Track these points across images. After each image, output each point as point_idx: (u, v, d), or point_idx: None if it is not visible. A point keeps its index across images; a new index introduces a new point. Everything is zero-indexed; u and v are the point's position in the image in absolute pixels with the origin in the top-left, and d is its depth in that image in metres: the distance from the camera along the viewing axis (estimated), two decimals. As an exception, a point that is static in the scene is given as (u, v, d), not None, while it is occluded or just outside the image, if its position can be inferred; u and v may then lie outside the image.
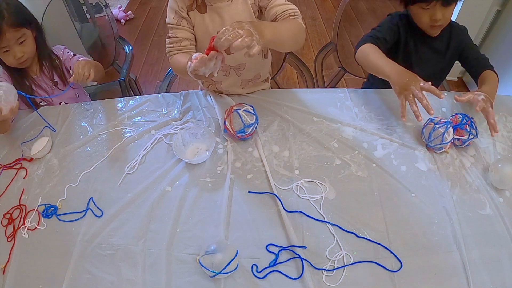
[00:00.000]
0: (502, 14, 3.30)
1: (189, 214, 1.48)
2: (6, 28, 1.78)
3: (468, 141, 1.62)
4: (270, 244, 1.37)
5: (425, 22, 1.83)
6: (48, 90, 2.11)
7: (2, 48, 1.85)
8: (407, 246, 1.36)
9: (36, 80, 2.07)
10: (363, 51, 1.82)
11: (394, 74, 1.63)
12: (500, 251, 1.35)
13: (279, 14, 1.65)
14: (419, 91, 1.51)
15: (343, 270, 1.30)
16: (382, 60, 1.72)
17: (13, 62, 1.92)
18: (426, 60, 1.99)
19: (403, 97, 1.57)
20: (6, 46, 1.84)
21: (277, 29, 1.55)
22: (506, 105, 1.88)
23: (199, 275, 1.31)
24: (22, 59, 1.92)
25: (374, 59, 1.75)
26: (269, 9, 1.69)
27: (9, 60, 1.91)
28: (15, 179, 1.68)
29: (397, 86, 1.60)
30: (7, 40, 1.81)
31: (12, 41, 1.84)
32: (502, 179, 1.51)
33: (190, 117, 1.85)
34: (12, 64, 1.94)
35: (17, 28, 1.83)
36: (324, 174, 1.58)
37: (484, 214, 1.45)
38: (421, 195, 1.50)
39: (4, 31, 1.78)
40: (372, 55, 1.77)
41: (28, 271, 1.38)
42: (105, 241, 1.42)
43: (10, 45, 1.85)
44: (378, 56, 1.76)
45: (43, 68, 2.08)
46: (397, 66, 1.66)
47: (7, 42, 1.82)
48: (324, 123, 1.78)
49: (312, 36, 4.68)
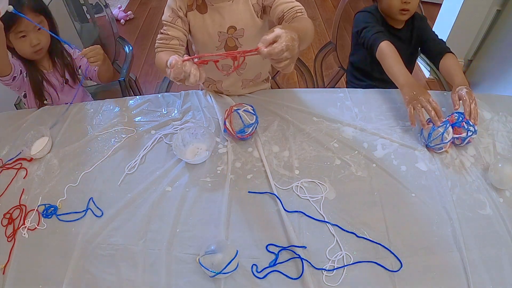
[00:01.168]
0: (502, 14, 3.30)
1: (189, 214, 1.48)
2: (26, 11, 1.79)
3: (467, 138, 1.62)
4: (270, 244, 1.37)
5: (395, 6, 1.99)
6: (58, 87, 2.11)
7: (20, 33, 1.85)
8: (407, 246, 1.36)
9: (46, 75, 2.07)
10: (382, 50, 1.89)
11: (406, 85, 1.72)
12: (500, 251, 1.34)
13: (286, 11, 1.64)
14: (427, 104, 1.61)
15: (343, 270, 1.30)
16: (399, 68, 1.80)
17: (27, 51, 1.92)
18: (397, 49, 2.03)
19: (411, 106, 1.66)
20: (24, 31, 1.85)
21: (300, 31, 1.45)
22: (506, 105, 1.88)
23: (199, 275, 1.31)
24: (38, 47, 1.92)
25: (392, 64, 1.83)
26: (274, 7, 1.68)
27: (25, 48, 1.90)
28: (15, 179, 1.67)
29: (407, 96, 1.69)
30: (26, 24, 1.82)
31: (30, 26, 1.84)
32: (502, 179, 1.50)
33: (190, 117, 1.85)
34: (27, 53, 1.94)
35: (36, 13, 1.85)
36: (324, 174, 1.58)
37: (484, 214, 1.45)
38: (421, 195, 1.50)
39: (25, 13, 1.77)
40: (390, 60, 1.85)
41: (28, 271, 1.37)
42: (105, 241, 1.42)
43: (28, 30, 1.85)
44: (396, 62, 1.83)
45: (55, 64, 2.09)
46: (410, 78, 1.76)
47: (25, 26, 1.83)
48: (324, 123, 1.78)
49: (312, 36, 4.64)
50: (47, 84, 2.07)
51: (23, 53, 1.94)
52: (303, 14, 1.64)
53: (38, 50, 1.94)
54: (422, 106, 1.62)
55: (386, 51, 1.87)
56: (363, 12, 2.12)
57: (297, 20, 1.60)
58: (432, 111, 1.60)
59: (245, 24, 1.76)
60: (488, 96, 1.90)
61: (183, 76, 1.31)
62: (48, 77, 2.07)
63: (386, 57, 1.86)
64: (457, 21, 3.47)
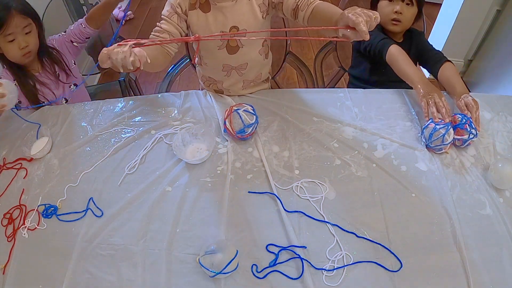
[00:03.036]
0: (502, 14, 3.30)
1: (189, 214, 1.48)
2: (14, 13, 1.81)
3: (468, 140, 1.62)
4: (270, 244, 1.37)
5: (388, 15, 2.07)
6: (52, 85, 2.12)
7: (8, 36, 1.85)
8: (407, 246, 1.36)
9: (38, 78, 2.07)
10: (392, 54, 1.95)
11: (421, 82, 1.77)
12: (500, 251, 1.34)
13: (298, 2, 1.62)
14: (440, 100, 1.67)
15: (343, 270, 1.30)
16: (411, 69, 1.86)
17: (16, 54, 1.92)
18: None
19: (425, 100, 1.71)
20: (12, 34, 1.84)
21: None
22: (506, 105, 1.88)
23: (199, 275, 1.31)
24: (26, 49, 1.92)
25: (404, 66, 1.88)
26: (286, 1, 1.66)
27: (13, 52, 1.90)
28: (15, 179, 1.67)
29: (422, 91, 1.74)
30: (15, 26, 1.83)
31: (18, 28, 1.85)
32: (502, 179, 1.50)
33: (190, 117, 1.85)
34: (16, 57, 1.93)
35: (24, 16, 1.86)
36: (324, 174, 1.58)
37: (484, 214, 1.45)
38: (421, 195, 1.50)
39: (13, 15, 1.80)
40: (402, 62, 1.91)
41: (28, 271, 1.37)
42: (105, 241, 1.42)
43: (16, 32, 1.85)
44: (407, 63, 1.89)
45: (44, 64, 2.09)
46: (424, 77, 1.82)
47: (14, 28, 1.83)
48: (324, 123, 1.78)
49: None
50: (40, 85, 2.07)
51: (12, 57, 1.94)
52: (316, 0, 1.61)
53: (27, 53, 1.94)
54: (435, 101, 1.67)
55: (397, 54, 1.92)
56: None
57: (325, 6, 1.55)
58: (444, 107, 1.65)
59: (247, 25, 1.76)
60: (488, 96, 1.90)
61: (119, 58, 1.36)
62: (41, 79, 2.07)
63: (398, 59, 1.91)
64: (457, 21, 3.46)
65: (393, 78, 1.92)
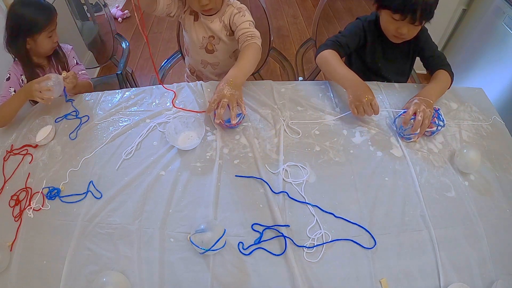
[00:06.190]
0: (467, 13, 3.32)
1: (181, 196, 1.47)
2: (55, 12, 1.98)
3: (436, 132, 1.64)
4: (255, 224, 1.37)
5: (390, 31, 1.81)
6: None
7: (51, 32, 1.97)
8: (381, 225, 1.37)
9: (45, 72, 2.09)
10: (324, 57, 1.85)
11: (350, 86, 1.69)
12: (465, 230, 1.36)
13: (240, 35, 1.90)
14: (368, 107, 1.61)
15: (322, 247, 1.31)
16: (342, 70, 1.77)
17: (49, 48, 2.04)
18: (393, 61, 2.00)
19: (354, 106, 1.65)
20: (53, 30, 1.98)
21: (244, 67, 1.76)
22: (471, 97, 1.88)
23: (190, 252, 1.30)
24: (56, 44, 2.07)
25: (334, 67, 1.79)
26: (236, 31, 1.94)
27: (49, 45, 2.01)
28: (21, 164, 1.66)
29: (351, 96, 1.66)
30: (54, 23, 1.98)
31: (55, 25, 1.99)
32: (467, 163, 1.51)
33: (182, 106, 1.83)
34: (46, 49, 2.03)
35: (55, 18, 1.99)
36: (306, 159, 1.57)
37: (450, 196, 1.46)
38: (394, 178, 1.51)
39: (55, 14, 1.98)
40: (332, 62, 1.81)
41: (33, 248, 1.37)
42: (104, 220, 1.41)
43: (54, 28, 1.99)
44: (338, 64, 1.80)
45: (50, 61, 2.13)
46: (354, 77, 1.72)
47: (54, 25, 1.98)
48: (307, 111, 1.78)
49: (293, 33, 4.70)
50: None
51: (44, 50, 2.03)
52: (252, 38, 1.85)
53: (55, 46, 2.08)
54: (364, 109, 1.62)
55: (328, 56, 1.83)
56: (357, 19, 1.97)
57: (243, 52, 1.83)
58: (370, 115, 1.63)
59: (219, 37, 2.05)
60: (455, 88, 1.89)
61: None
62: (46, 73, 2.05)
63: (328, 61, 1.82)
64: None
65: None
